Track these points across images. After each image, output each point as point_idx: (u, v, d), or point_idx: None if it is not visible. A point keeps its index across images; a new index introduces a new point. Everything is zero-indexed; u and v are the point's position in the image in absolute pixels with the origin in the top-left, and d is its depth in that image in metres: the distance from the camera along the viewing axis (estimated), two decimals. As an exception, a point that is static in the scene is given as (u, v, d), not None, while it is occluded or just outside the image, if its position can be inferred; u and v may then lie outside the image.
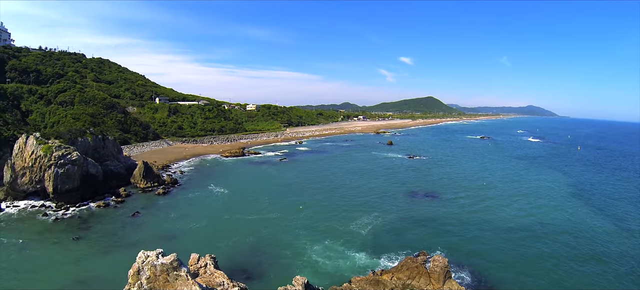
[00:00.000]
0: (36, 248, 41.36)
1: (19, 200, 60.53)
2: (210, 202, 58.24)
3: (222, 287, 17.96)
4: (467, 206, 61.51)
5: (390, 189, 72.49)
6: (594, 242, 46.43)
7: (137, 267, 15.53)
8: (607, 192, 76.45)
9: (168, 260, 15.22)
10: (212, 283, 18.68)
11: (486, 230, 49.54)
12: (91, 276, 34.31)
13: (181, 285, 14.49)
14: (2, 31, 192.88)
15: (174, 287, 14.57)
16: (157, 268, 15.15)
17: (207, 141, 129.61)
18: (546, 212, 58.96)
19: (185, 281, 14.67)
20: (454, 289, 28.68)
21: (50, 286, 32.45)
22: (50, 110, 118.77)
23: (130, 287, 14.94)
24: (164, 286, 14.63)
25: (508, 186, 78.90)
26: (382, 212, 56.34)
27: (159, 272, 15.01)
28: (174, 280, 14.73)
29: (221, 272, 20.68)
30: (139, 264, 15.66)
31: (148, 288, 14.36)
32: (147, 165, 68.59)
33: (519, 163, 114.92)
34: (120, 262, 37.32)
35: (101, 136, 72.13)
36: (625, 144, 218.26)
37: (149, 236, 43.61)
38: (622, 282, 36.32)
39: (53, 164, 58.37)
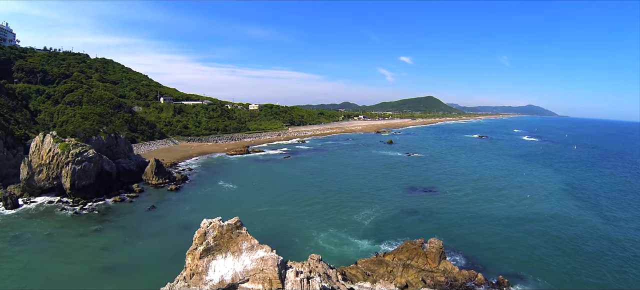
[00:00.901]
0: (61, 239, 44.15)
1: (35, 197, 63.27)
2: (220, 197, 61.32)
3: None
4: (463, 199, 65.34)
5: (390, 184, 75.75)
6: (572, 230, 51.14)
7: (203, 230, 18.61)
8: (592, 188, 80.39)
9: (232, 222, 18.66)
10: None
11: (479, 220, 53.66)
12: (118, 263, 37.18)
13: (242, 240, 17.81)
14: (8, 32, 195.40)
15: (236, 242, 17.71)
16: (224, 228, 18.44)
17: (212, 140, 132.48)
18: (534, 205, 63.47)
19: (246, 237, 18.07)
20: (448, 268, 31.93)
21: (81, 271, 35.30)
22: (58, 110, 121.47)
23: (196, 246, 17.86)
24: (228, 242, 17.76)
25: (501, 181, 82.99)
26: (383, 204, 59.84)
27: (225, 231, 18.27)
28: (237, 236, 18.03)
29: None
30: (204, 228, 18.75)
31: (214, 244, 17.35)
32: (159, 162, 71.49)
33: (514, 161, 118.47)
34: (144, 251, 40.35)
35: (114, 135, 74.99)
36: (622, 143, 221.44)
37: (166, 227, 46.58)
38: (592, 259, 41.48)
39: (70, 161, 61.19)
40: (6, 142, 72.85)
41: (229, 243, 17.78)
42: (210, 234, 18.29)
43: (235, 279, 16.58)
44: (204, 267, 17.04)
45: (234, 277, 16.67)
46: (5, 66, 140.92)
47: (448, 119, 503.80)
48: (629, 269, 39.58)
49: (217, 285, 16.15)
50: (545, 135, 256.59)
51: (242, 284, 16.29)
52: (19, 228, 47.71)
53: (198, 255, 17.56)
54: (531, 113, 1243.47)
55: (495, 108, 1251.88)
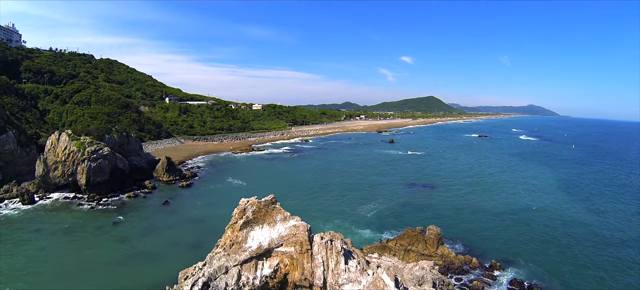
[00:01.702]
0: (81, 231, 46.46)
1: (50, 193, 65.65)
2: (230, 192, 63.77)
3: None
4: (460, 193, 68.86)
5: (391, 180, 78.73)
6: (562, 220, 54.97)
7: (243, 207, 21.72)
8: (584, 184, 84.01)
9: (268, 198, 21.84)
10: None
11: (476, 212, 57.27)
12: (138, 252, 39.53)
13: (277, 212, 21.09)
14: (14, 33, 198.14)
15: (272, 215, 20.91)
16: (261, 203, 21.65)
17: (217, 139, 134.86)
18: (527, 198, 67.35)
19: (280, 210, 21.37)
20: (446, 253, 34.76)
21: (105, 259, 37.63)
22: (67, 110, 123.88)
23: (236, 220, 20.47)
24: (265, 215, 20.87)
25: (497, 178, 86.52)
26: (385, 199, 63.08)
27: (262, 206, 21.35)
28: (272, 210, 21.23)
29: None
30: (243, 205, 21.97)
31: (253, 217, 20.22)
32: (170, 160, 73.90)
33: (512, 159, 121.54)
34: (162, 241, 42.69)
35: (125, 133, 77.42)
36: (619, 143, 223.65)
37: (181, 220, 48.99)
38: (579, 245, 45.25)
39: (86, 158, 63.59)
40: (19, 140, 75.23)
41: (265, 216, 20.71)
42: (249, 209, 21.11)
43: (272, 244, 19.57)
44: (243, 237, 19.81)
45: (270, 242, 19.67)
46: (13, 67, 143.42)
47: (449, 119, 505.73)
48: (613, 251, 43.73)
49: (256, 251, 18.92)
50: (544, 135, 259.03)
51: (277, 248, 19.26)
52: (39, 222, 49.97)
53: (238, 228, 20.22)
54: (532, 113, 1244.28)
55: (496, 108, 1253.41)
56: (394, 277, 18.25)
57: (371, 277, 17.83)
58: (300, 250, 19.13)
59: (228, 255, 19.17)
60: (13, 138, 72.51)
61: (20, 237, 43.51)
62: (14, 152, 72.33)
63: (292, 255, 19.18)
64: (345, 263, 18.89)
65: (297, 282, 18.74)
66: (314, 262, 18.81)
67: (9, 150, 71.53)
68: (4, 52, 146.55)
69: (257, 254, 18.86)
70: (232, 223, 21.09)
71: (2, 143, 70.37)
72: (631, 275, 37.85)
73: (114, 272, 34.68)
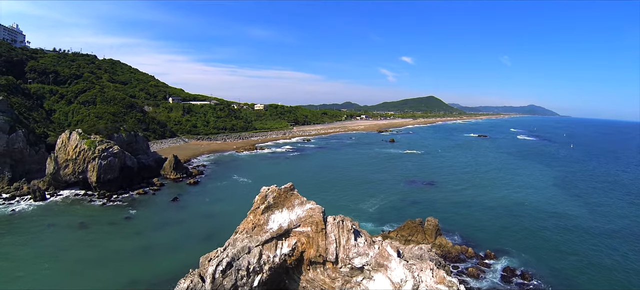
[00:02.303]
0: (95, 226, 48.26)
1: (61, 190, 67.46)
2: (237, 189, 65.72)
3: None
4: (458, 190, 71.42)
5: (392, 177, 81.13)
6: (555, 214, 57.86)
7: (264, 193, 23.87)
8: (577, 181, 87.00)
9: (287, 186, 24.26)
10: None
11: (472, 206, 60.06)
12: (153, 244, 41.36)
13: (294, 198, 23.33)
14: (18, 33, 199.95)
15: (290, 200, 23.17)
16: (281, 190, 23.98)
17: (221, 139, 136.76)
18: (522, 194, 70.25)
19: (297, 196, 23.74)
20: (443, 243, 37.01)
21: (120, 251, 39.40)
22: (72, 109, 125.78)
23: (258, 206, 22.50)
24: (284, 200, 23.18)
25: (494, 175, 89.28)
26: (386, 195, 65.39)
27: (282, 192, 23.66)
28: (290, 196, 23.42)
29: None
30: (264, 192, 24.17)
31: (273, 202, 22.42)
32: (177, 158, 75.79)
33: (509, 158, 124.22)
34: (175, 234, 44.55)
35: (133, 132, 79.32)
36: (616, 143, 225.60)
37: (192, 215, 50.87)
38: (570, 236, 48.20)
39: (97, 156, 65.47)
40: (29, 139, 76.94)
41: (284, 201, 23.02)
42: (270, 195, 23.29)
43: (291, 225, 21.97)
44: (265, 220, 22.01)
45: (289, 223, 22.10)
46: (18, 67, 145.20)
47: (448, 119, 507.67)
48: (599, 241, 46.82)
49: (276, 231, 21.23)
50: (543, 135, 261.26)
51: (296, 229, 21.63)
52: (52, 217, 51.74)
53: (260, 212, 22.38)
54: (533, 113, 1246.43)
55: (497, 108, 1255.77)
56: (397, 249, 20.37)
57: (377, 249, 20.10)
58: (316, 229, 21.45)
59: (250, 237, 21.20)
60: (23, 137, 74.17)
61: (36, 231, 45.23)
62: (24, 150, 74.02)
63: (308, 234, 21.39)
64: (354, 239, 21.11)
65: (312, 258, 20.88)
66: (327, 240, 20.98)
67: (18, 148, 73.21)
68: (9, 52, 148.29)
69: (277, 235, 21.09)
70: (254, 208, 23.20)
71: (12, 142, 72.03)
72: (613, 259, 40.98)
73: (132, 262, 36.52)
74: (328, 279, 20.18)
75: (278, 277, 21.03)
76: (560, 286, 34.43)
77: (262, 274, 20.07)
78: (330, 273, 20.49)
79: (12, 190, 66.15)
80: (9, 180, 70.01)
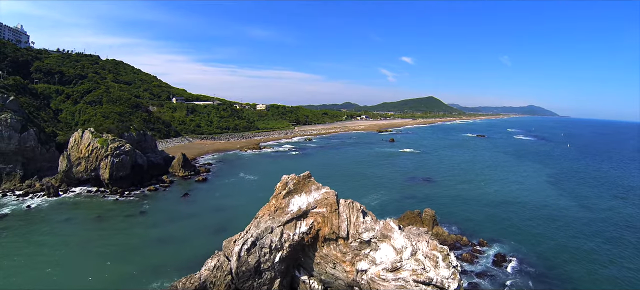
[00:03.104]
0: (111, 220, 50.68)
1: (73, 187, 69.86)
2: (244, 185, 68.44)
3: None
4: (455, 186, 74.92)
5: (392, 174, 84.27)
6: (545, 207, 61.99)
7: (285, 181, 26.94)
8: (570, 178, 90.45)
9: (305, 174, 27.37)
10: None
11: (468, 200, 63.71)
12: (169, 235, 43.86)
13: (311, 184, 26.54)
14: (22, 33, 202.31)
15: (308, 186, 26.41)
16: (300, 177, 27.07)
17: (224, 138, 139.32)
18: (515, 189, 74.34)
19: (314, 182, 26.97)
20: (440, 232, 40.22)
21: (138, 242, 41.91)
22: (79, 109, 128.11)
23: (280, 191, 25.35)
24: (302, 186, 26.38)
25: (490, 172, 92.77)
26: (387, 190, 68.59)
27: (301, 179, 26.79)
28: (308, 182, 26.65)
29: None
30: (285, 179, 27.26)
31: (293, 188, 25.44)
32: (185, 157, 78.37)
33: (505, 156, 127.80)
34: (188, 226, 47.10)
35: (142, 132, 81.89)
36: (612, 142, 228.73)
37: (203, 209, 53.46)
38: (559, 227, 51.70)
39: (109, 154, 67.99)
40: (39, 138, 79.33)
41: (303, 187, 26.14)
42: (290, 182, 26.47)
43: (309, 207, 25.26)
44: (285, 203, 25.10)
45: (307, 205, 25.34)
46: (24, 67, 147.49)
47: (448, 119, 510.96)
48: (582, 229, 51.32)
49: (296, 213, 24.36)
50: (541, 135, 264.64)
51: (312, 210, 24.82)
52: (68, 212, 54.12)
53: (281, 197, 25.45)
54: (532, 113, 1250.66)
55: (496, 108, 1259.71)
56: (398, 224, 23.40)
57: (382, 224, 23.41)
58: (330, 210, 24.71)
59: (273, 219, 24.11)
60: (34, 136, 76.49)
61: (56, 224, 47.58)
62: (35, 149, 76.38)
63: (324, 214, 24.54)
64: (363, 217, 24.55)
65: (326, 235, 23.99)
66: (340, 218, 24.24)
67: (30, 147, 75.55)
68: (15, 52, 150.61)
69: (296, 216, 24.17)
70: (276, 194, 26.18)
71: (24, 140, 74.40)
72: (594, 245, 45.41)
73: (153, 250, 39.09)
74: (340, 253, 23.20)
75: (295, 254, 24.03)
76: (545, 269, 37.87)
77: (283, 251, 22.99)
78: (341, 248, 23.38)
79: (25, 187, 68.39)
80: (21, 177, 72.32)
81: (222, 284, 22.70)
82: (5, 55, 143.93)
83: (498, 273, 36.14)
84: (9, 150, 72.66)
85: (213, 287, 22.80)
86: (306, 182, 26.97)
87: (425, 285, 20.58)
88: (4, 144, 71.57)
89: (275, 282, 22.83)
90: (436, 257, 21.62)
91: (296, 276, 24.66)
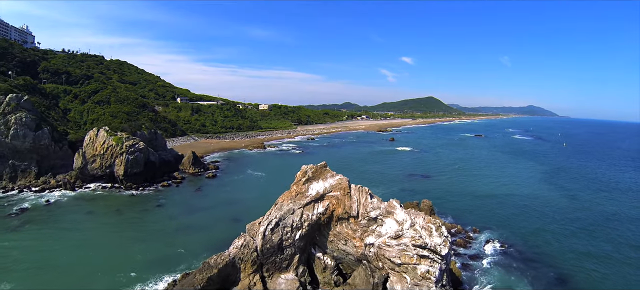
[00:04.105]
0: (131, 212, 53.86)
1: (87, 183, 72.99)
2: (254, 181, 71.97)
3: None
4: (452, 181, 79.36)
5: (392, 171, 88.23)
6: (535, 199, 66.44)
7: (305, 169, 30.55)
8: (561, 174, 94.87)
9: (322, 164, 31.15)
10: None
11: (463, 194, 67.91)
12: (187, 225, 47.12)
13: (327, 172, 30.18)
14: (28, 34, 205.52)
15: (324, 174, 30.07)
16: (318, 167, 30.88)
17: (229, 137, 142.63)
18: (508, 185, 78.47)
19: (329, 170, 30.56)
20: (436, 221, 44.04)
21: (159, 231, 45.09)
22: (87, 109, 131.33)
23: (300, 178, 28.84)
24: (319, 174, 30.06)
25: (485, 169, 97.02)
26: (387, 185, 72.62)
27: (318, 168, 30.62)
28: (324, 171, 30.28)
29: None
30: (304, 169, 30.95)
31: (312, 176, 29.08)
32: (195, 154, 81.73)
33: (501, 155, 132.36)
34: (204, 218, 50.41)
35: (154, 131, 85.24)
36: (608, 142, 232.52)
37: (217, 202, 56.81)
38: (543, 215, 56.41)
39: (124, 151, 71.28)
40: (53, 136, 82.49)
41: (320, 174, 30.14)
42: (309, 171, 30.65)
43: (325, 191, 29.34)
44: (305, 189, 29.09)
45: (324, 190, 29.41)
46: (31, 67, 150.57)
47: (447, 119, 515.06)
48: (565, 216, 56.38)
49: (314, 196, 28.51)
50: (538, 134, 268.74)
51: (328, 193, 29.12)
52: (88, 206, 57.18)
53: (301, 183, 29.32)
54: (532, 113, 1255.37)
55: (496, 108, 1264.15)
56: (399, 203, 27.36)
57: (386, 203, 27.97)
58: (343, 193, 28.88)
59: (294, 202, 27.87)
60: (48, 134, 79.51)
61: (78, 217, 50.60)
62: (49, 147, 79.46)
63: (337, 197, 28.73)
64: (370, 199, 28.96)
65: (340, 215, 28.33)
66: (351, 200, 28.50)
67: (44, 145, 78.62)
68: (22, 53, 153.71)
69: (314, 199, 28.11)
70: (297, 181, 30.13)
71: (39, 138, 77.46)
72: (575, 232, 50.00)
73: (176, 237, 42.35)
74: (351, 231, 27.18)
75: (312, 233, 27.87)
76: (528, 251, 42.42)
77: (302, 229, 26.72)
78: (352, 226, 27.48)
79: (40, 183, 71.44)
80: (36, 174, 75.33)
81: (249, 259, 26.07)
82: (13, 55, 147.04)
83: (488, 255, 40.66)
84: (24, 148, 75.59)
85: (241, 262, 26.19)
86: (322, 171, 31.06)
87: (422, 249, 24.72)
88: (19, 142, 74.53)
89: (294, 258, 26.63)
90: (430, 228, 25.79)
91: (312, 253, 28.53)
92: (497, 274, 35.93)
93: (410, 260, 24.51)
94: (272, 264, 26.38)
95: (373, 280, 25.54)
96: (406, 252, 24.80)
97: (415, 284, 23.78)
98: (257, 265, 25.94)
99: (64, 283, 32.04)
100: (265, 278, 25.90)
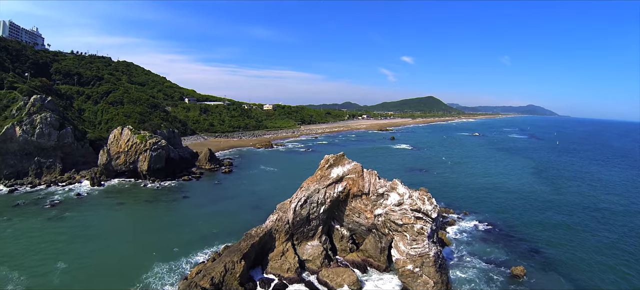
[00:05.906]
0: (160, 202, 59.45)
1: (111, 178, 78.77)
2: (267, 175, 78.04)
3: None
4: (447, 175, 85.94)
5: (393, 167, 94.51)
6: (522, 190, 72.73)
7: (327, 158, 37.27)
8: (550, 168, 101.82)
9: (340, 153, 37.85)
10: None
11: (457, 186, 74.72)
12: (215, 211, 52.87)
13: (345, 160, 36.66)
14: (38, 36, 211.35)
15: (343, 161, 36.64)
16: (337, 156, 37.48)
17: (236, 136, 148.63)
18: (499, 177, 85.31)
19: (347, 159, 37.07)
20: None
21: (192, 217, 50.89)
22: (101, 109, 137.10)
23: (324, 165, 35.15)
24: (339, 162, 36.68)
25: (479, 164, 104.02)
26: (389, 178, 77.93)
27: (338, 157, 37.26)
28: (343, 159, 36.98)
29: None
30: (327, 157, 37.71)
31: (333, 162, 35.46)
32: (211, 151, 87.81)
33: (496, 152, 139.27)
34: (229, 206, 56.18)
35: (171, 130, 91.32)
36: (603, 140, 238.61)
37: (238, 193, 62.81)
38: (527, 202, 63.34)
39: (148, 148, 77.25)
40: (75, 135, 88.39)
41: (339, 162, 37.21)
42: (330, 159, 37.68)
43: (343, 174, 36.60)
44: (328, 173, 36.10)
45: (343, 173, 36.86)
46: (44, 69, 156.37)
47: (447, 119, 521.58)
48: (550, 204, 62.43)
49: (335, 178, 35.62)
50: (534, 133, 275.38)
51: (346, 176, 36.02)
52: (118, 198, 62.25)
53: (325, 168, 36.46)
54: (532, 113, 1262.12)
55: (496, 108, 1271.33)
56: (400, 181, 34.94)
57: (390, 182, 35.34)
58: (358, 175, 36.53)
59: (319, 183, 34.64)
60: (71, 133, 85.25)
61: (112, 206, 55.63)
62: (72, 145, 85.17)
63: (353, 178, 36.10)
64: (378, 180, 36.31)
65: (355, 193, 36.24)
66: (364, 181, 35.99)
67: (68, 143, 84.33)
68: (35, 55, 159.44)
69: (335, 180, 35.22)
70: (321, 167, 37.47)
71: (63, 137, 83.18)
72: (558, 218, 55.46)
73: (204, 223, 47.73)
74: (363, 205, 34.26)
75: (332, 208, 34.61)
76: (509, 230, 49.18)
77: (325, 205, 33.40)
78: (364, 201, 35.46)
79: (66, 179, 77.03)
80: (61, 170, 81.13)
81: (283, 230, 32.58)
82: (26, 57, 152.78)
83: (473, 231, 48.21)
84: (49, 146, 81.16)
85: (276, 232, 32.76)
86: (341, 159, 38.79)
87: (417, 212, 32.35)
88: (44, 140, 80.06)
89: (319, 228, 33.63)
90: (424, 198, 33.78)
91: (332, 225, 35.24)
92: (478, 245, 43.46)
93: (409, 220, 31.78)
94: (301, 234, 33.14)
95: (380, 245, 33.20)
96: (406, 215, 32.21)
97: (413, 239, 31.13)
98: (289, 234, 32.82)
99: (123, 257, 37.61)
100: (295, 245, 32.49)
